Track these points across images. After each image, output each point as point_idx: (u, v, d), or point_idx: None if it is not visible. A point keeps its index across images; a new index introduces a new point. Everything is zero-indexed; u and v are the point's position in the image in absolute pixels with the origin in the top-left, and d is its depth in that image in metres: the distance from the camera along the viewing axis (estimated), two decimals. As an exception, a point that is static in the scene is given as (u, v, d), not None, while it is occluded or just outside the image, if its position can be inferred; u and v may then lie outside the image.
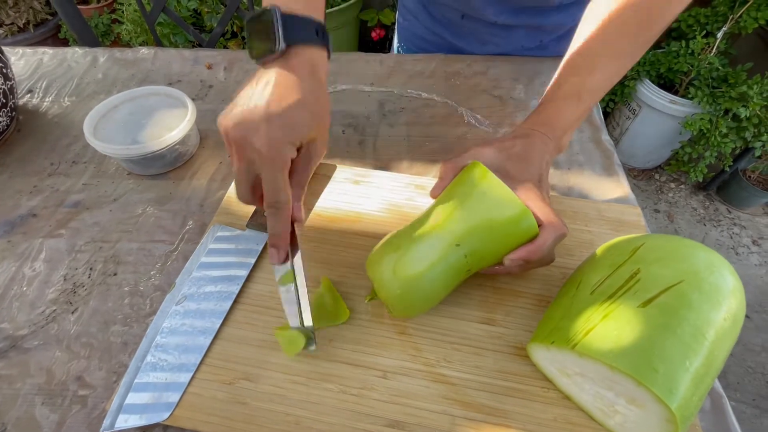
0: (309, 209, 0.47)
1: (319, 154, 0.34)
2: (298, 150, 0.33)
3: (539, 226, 0.34)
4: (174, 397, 0.34)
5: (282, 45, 0.32)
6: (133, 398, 0.34)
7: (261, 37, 0.33)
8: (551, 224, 0.34)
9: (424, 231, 0.35)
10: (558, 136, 0.40)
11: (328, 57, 0.36)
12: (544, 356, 0.34)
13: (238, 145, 0.32)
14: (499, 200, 0.33)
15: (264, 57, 0.33)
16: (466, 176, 0.36)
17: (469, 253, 0.34)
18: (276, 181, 0.32)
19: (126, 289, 0.43)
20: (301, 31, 0.34)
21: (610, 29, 0.39)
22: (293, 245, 0.36)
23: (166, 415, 0.34)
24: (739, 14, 1.25)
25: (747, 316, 1.28)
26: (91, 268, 0.44)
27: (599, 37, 0.39)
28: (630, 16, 0.38)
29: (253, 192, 0.34)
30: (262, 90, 0.32)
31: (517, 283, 0.41)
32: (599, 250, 0.37)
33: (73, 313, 0.41)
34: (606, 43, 0.39)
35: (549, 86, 0.42)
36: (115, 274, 0.44)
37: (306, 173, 0.34)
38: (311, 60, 0.34)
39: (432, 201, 0.38)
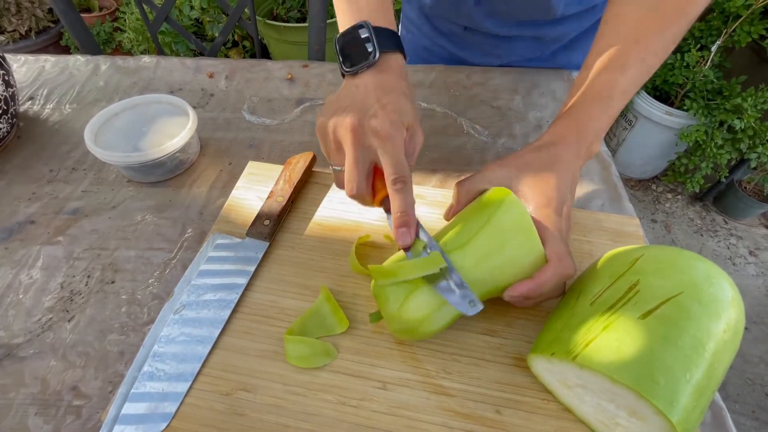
0: (308, 218, 0.47)
1: (420, 139, 0.37)
2: None
3: (547, 260, 0.33)
4: (171, 408, 0.34)
5: (377, 54, 0.37)
6: (129, 408, 0.34)
7: (354, 50, 0.38)
8: (559, 262, 0.33)
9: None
10: (589, 142, 0.38)
11: (405, 60, 0.41)
12: (544, 367, 0.34)
13: (355, 133, 0.34)
14: (534, 266, 0.33)
15: (359, 66, 0.38)
16: (495, 214, 0.34)
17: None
18: (399, 156, 0.34)
19: (123, 297, 0.43)
20: (388, 41, 0.39)
21: (637, 27, 0.38)
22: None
23: (164, 425, 0.33)
24: (732, 28, 1.28)
25: (745, 328, 1.28)
26: (88, 276, 0.44)
27: (626, 35, 0.38)
28: (652, 12, 0.38)
29: (367, 180, 0.36)
30: (366, 88, 0.36)
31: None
32: (600, 261, 0.37)
33: (69, 321, 0.41)
34: (634, 40, 0.38)
35: (573, 89, 0.40)
36: (112, 282, 0.44)
37: (413, 156, 0.36)
38: (397, 64, 0.39)
39: (443, 221, 0.38)
